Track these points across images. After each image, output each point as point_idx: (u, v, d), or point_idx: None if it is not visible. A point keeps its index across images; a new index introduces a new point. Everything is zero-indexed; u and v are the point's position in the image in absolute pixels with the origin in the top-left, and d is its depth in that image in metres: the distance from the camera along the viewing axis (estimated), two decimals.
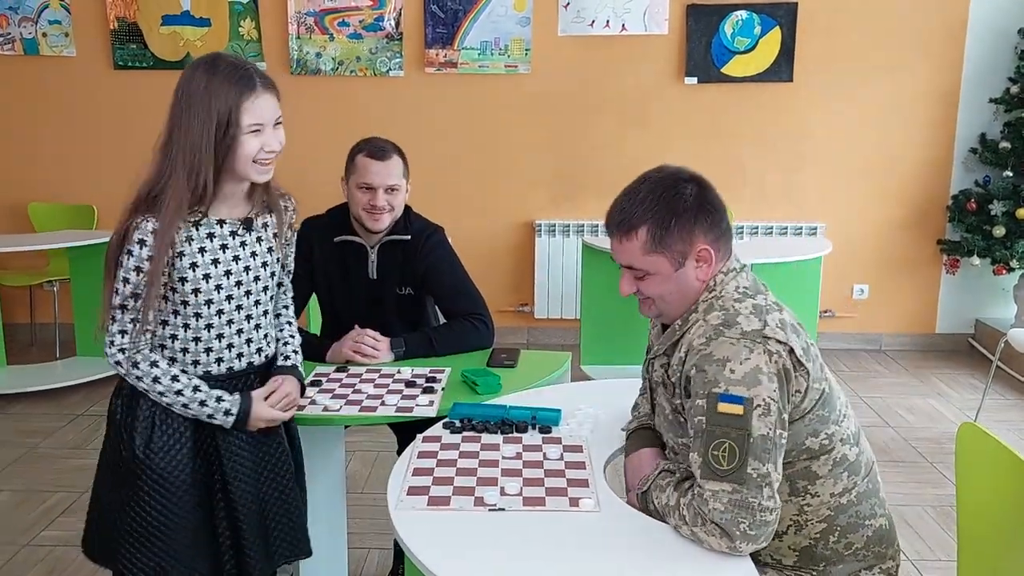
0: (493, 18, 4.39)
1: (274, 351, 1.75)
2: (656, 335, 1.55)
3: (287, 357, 1.76)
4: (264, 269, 1.67)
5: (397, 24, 4.42)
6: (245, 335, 1.66)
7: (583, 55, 4.43)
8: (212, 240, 1.59)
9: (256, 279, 1.65)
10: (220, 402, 1.59)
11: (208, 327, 1.60)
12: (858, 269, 4.60)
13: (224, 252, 1.60)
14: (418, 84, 4.47)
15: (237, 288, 1.62)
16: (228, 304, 1.61)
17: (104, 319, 1.55)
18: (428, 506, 1.40)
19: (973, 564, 1.49)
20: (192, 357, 1.61)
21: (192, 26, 4.45)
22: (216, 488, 1.63)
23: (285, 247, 1.74)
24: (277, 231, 1.69)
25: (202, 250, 1.57)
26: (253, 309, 1.66)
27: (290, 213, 1.73)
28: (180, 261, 1.55)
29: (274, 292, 1.73)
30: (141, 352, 1.56)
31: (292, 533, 1.72)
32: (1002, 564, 1.41)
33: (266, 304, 1.69)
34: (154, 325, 1.57)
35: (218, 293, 1.60)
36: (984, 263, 4.26)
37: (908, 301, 4.64)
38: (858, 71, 4.39)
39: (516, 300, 4.68)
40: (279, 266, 1.72)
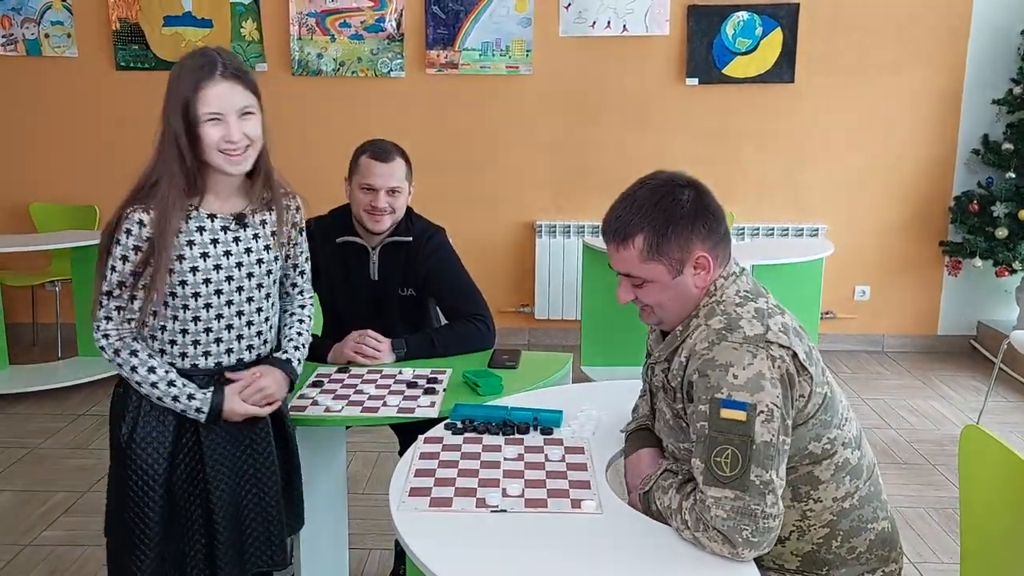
0: (494, 19, 4.39)
1: (269, 351, 1.72)
2: (655, 340, 1.54)
3: (284, 351, 1.72)
4: (259, 266, 1.65)
5: (398, 25, 4.42)
6: (236, 331, 1.64)
7: (584, 56, 4.43)
8: (202, 234, 1.58)
9: (249, 275, 1.63)
10: (191, 400, 1.58)
11: (196, 320, 1.60)
12: (860, 270, 4.59)
13: (215, 247, 1.59)
14: (419, 85, 4.47)
15: (228, 283, 1.61)
16: (217, 298, 1.60)
17: (94, 306, 1.57)
18: (430, 507, 1.40)
19: (976, 567, 1.48)
20: (180, 350, 1.61)
21: (194, 27, 4.45)
22: (195, 484, 1.62)
23: (292, 247, 1.73)
24: (276, 229, 1.67)
25: (191, 243, 1.57)
26: (245, 305, 1.64)
27: (293, 212, 1.71)
28: (167, 253, 1.55)
29: (272, 290, 1.70)
30: (123, 340, 1.58)
31: (268, 541, 1.67)
32: (1005, 567, 1.40)
33: (261, 301, 1.67)
34: (141, 315, 1.57)
35: (206, 287, 1.59)
36: (986, 265, 4.26)
37: (910, 303, 4.63)
38: (860, 72, 4.38)
39: (517, 301, 4.68)
40: (277, 265, 1.69)
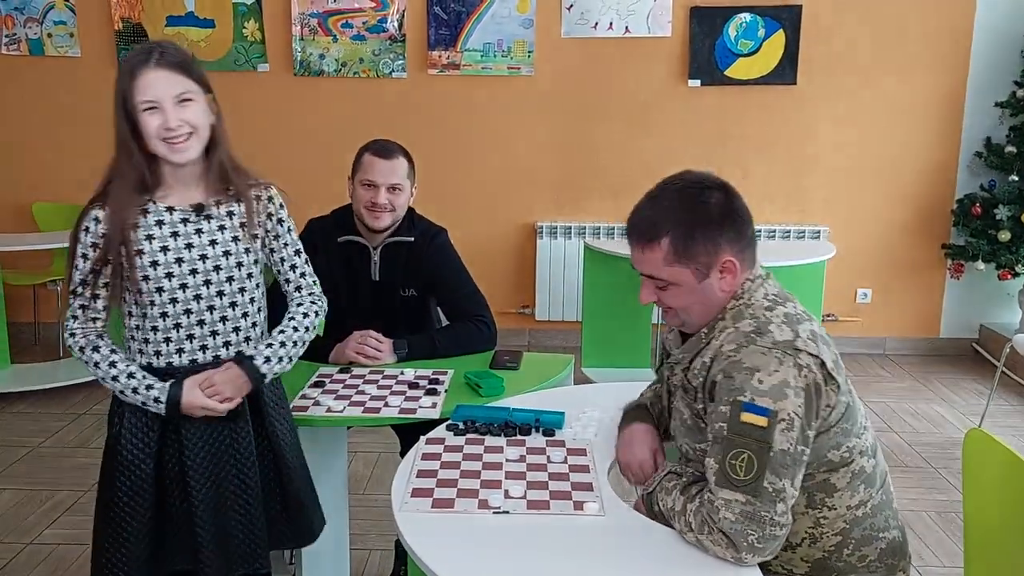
0: (496, 20, 4.39)
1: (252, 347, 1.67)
2: (675, 340, 1.52)
3: (256, 348, 1.63)
4: (226, 259, 1.60)
5: (400, 26, 4.42)
6: (208, 327, 1.61)
7: (586, 57, 4.43)
8: (161, 227, 1.56)
9: (217, 268, 1.59)
10: (149, 390, 1.55)
11: (164, 316, 1.58)
12: (862, 273, 4.58)
13: (175, 239, 1.57)
14: (421, 86, 4.47)
15: (192, 276, 1.58)
16: (183, 293, 1.58)
17: (63, 306, 1.58)
18: (432, 508, 1.39)
19: (980, 571, 1.48)
20: (154, 348, 1.60)
21: (196, 27, 4.45)
22: (180, 485, 1.61)
23: (274, 240, 1.67)
24: (246, 220, 1.62)
25: (149, 237, 1.55)
26: (216, 300, 1.60)
27: (265, 202, 1.65)
28: (126, 248, 1.55)
29: (248, 284, 1.63)
30: (87, 338, 1.58)
31: (249, 545, 1.63)
32: (1010, 571, 1.40)
33: (234, 296, 1.62)
34: (107, 313, 1.59)
35: (169, 281, 1.56)
36: (989, 268, 4.25)
37: (912, 305, 4.62)
38: (862, 74, 4.38)
39: (517, 302, 4.68)
40: (249, 257, 1.63)
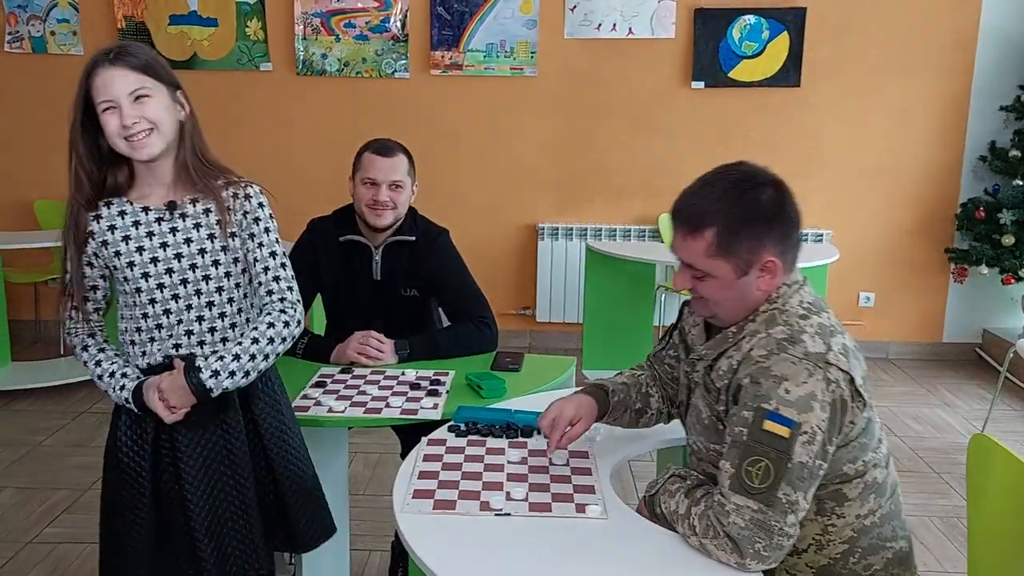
0: (499, 20, 4.38)
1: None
2: (699, 334, 1.49)
3: (207, 360, 1.52)
4: (202, 257, 1.57)
5: (403, 26, 4.42)
6: (185, 326, 1.58)
7: (589, 58, 4.42)
8: (137, 228, 1.56)
9: (193, 267, 1.57)
10: (123, 390, 1.56)
11: (145, 316, 1.58)
12: (864, 277, 4.57)
13: (150, 239, 1.56)
14: (423, 86, 4.46)
15: (169, 276, 1.57)
16: (160, 293, 1.57)
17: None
18: (434, 510, 1.39)
19: None
20: (140, 348, 1.60)
21: (199, 26, 4.45)
22: (173, 492, 1.59)
23: (249, 239, 1.59)
24: (221, 218, 1.58)
25: (126, 238, 1.56)
26: (194, 299, 1.58)
27: (242, 200, 1.59)
28: (105, 250, 1.56)
29: (226, 284, 1.60)
30: (80, 336, 1.61)
31: (244, 549, 1.62)
32: None
33: (211, 295, 1.58)
34: (96, 314, 1.62)
35: (146, 282, 1.56)
36: (992, 272, 4.24)
37: (915, 310, 4.61)
38: (866, 77, 4.37)
39: (518, 303, 4.67)
40: (227, 256, 1.59)
